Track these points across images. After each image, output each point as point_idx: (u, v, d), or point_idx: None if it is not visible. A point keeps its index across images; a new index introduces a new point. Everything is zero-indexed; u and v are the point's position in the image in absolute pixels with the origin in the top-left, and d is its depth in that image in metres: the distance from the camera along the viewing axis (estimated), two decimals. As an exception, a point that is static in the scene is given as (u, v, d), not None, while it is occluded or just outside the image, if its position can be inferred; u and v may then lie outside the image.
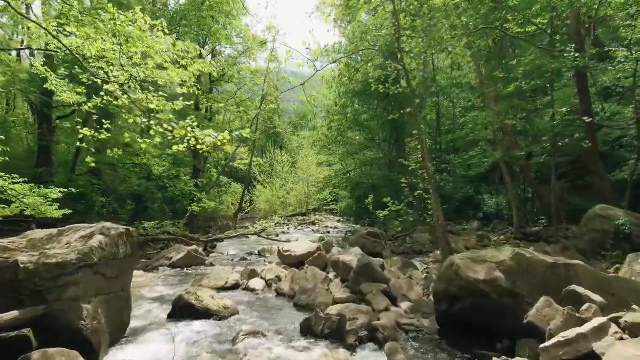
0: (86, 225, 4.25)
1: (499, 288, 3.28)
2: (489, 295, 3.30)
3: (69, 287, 3.44)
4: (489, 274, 3.32)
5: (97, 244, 3.76)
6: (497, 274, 3.30)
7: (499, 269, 3.33)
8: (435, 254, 8.07)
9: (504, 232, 9.85)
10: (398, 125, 15.46)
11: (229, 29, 17.41)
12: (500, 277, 3.28)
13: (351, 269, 5.83)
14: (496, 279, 3.29)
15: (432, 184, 5.35)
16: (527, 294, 3.23)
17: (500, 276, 3.29)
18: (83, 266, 3.57)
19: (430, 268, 6.66)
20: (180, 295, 4.77)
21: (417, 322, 3.79)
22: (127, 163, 13.55)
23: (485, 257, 3.48)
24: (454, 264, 3.56)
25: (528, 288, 3.25)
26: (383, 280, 5.50)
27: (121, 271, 4.13)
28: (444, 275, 3.67)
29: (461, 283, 3.45)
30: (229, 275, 6.40)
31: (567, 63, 6.05)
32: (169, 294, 5.77)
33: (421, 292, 5.19)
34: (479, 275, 3.35)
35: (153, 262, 8.20)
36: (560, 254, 6.26)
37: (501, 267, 3.33)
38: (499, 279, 3.28)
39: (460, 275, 3.46)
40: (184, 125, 3.71)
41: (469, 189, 13.43)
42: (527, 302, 3.22)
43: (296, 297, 5.34)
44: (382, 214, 7.35)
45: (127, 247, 4.20)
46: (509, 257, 3.37)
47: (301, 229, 17.64)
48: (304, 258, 7.31)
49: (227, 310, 4.82)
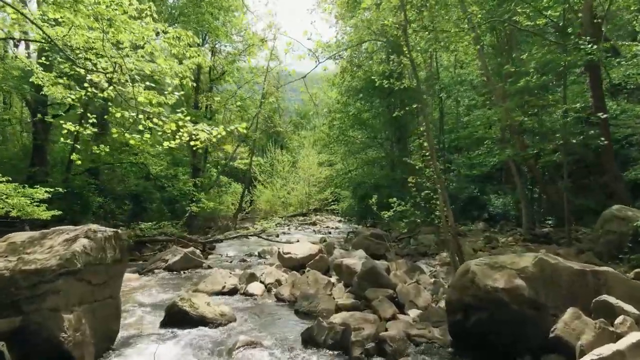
0: (71, 228, 3.97)
1: (520, 297, 2.98)
2: (508, 306, 3.00)
3: (49, 296, 3.15)
4: (508, 281, 3.02)
5: (81, 249, 3.46)
6: (518, 282, 3.00)
7: (520, 277, 3.03)
8: (441, 256, 7.77)
9: (512, 234, 9.53)
10: (400, 123, 15.14)
11: (228, 27, 17.12)
12: (521, 286, 2.98)
13: (355, 273, 5.54)
14: (517, 288, 2.99)
15: (441, 183, 5.05)
16: (552, 304, 2.93)
17: (521, 284, 2.99)
18: (64, 273, 3.28)
19: (438, 271, 6.36)
20: (174, 302, 4.48)
21: (428, 333, 3.49)
22: (125, 162, 13.26)
23: (504, 263, 3.18)
24: (470, 270, 3.25)
25: (553, 298, 2.95)
26: (389, 285, 5.21)
27: (109, 277, 3.84)
28: (458, 283, 3.37)
29: (477, 292, 3.15)
30: (227, 279, 6.11)
31: (581, 56, 5.74)
32: (164, 299, 5.49)
33: (429, 298, 4.89)
34: (497, 284, 3.05)
35: (149, 265, 7.91)
36: (575, 258, 5.95)
37: (522, 275, 3.03)
38: (520, 287, 2.98)
39: (477, 284, 3.16)
40: (175, 119, 3.41)
41: (474, 188, 13.11)
42: (552, 314, 2.92)
43: (297, 303, 5.05)
44: (386, 215, 7.04)
45: (115, 251, 3.91)
46: (531, 263, 3.07)
47: (302, 229, 17.34)
48: (305, 261, 7.02)
49: (223, 318, 4.53)
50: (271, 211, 23.44)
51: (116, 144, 12.90)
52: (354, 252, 7.27)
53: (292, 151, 27.49)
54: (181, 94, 4.64)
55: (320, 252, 7.27)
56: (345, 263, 5.78)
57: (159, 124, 3.49)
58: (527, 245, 7.94)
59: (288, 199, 24.18)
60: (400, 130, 15.29)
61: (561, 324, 2.72)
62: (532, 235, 8.58)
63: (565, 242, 7.20)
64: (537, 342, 2.89)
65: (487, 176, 14.17)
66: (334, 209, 23.58)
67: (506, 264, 3.15)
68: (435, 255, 8.08)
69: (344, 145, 16.65)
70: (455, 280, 3.48)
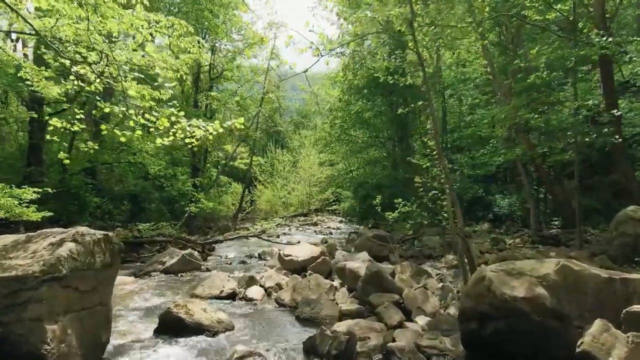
0: (59, 231, 3.72)
1: (541, 307, 2.74)
2: (528, 316, 2.76)
3: (30, 305, 2.91)
4: (529, 290, 2.77)
5: (67, 253, 3.23)
6: (539, 291, 2.76)
7: (541, 285, 2.79)
8: (447, 259, 7.53)
9: (520, 235, 9.28)
10: (403, 122, 14.91)
11: (228, 25, 16.90)
12: (543, 295, 2.74)
13: (359, 277, 5.30)
14: (538, 297, 2.75)
15: (449, 183, 4.81)
16: (577, 315, 2.69)
17: (543, 293, 2.75)
18: (48, 279, 3.04)
19: (445, 275, 6.12)
20: (168, 309, 4.24)
21: (439, 344, 3.25)
22: (123, 162, 13.03)
23: (523, 269, 2.94)
24: (485, 277, 3.01)
25: (577, 308, 2.71)
26: (394, 290, 4.97)
27: (98, 283, 3.61)
28: (472, 291, 3.13)
29: (494, 301, 2.91)
30: (225, 282, 5.87)
31: (595, 50, 5.50)
32: (159, 304, 5.26)
33: (438, 304, 4.65)
34: (516, 292, 2.81)
35: (145, 267, 7.68)
36: (588, 261, 5.70)
37: (544, 282, 2.79)
38: (542, 296, 2.74)
39: (493, 292, 2.91)
40: (167, 114, 3.18)
41: (478, 189, 12.86)
42: (577, 326, 2.68)
43: (298, 309, 4.81)
44: (391, 216, 6.80)
45: (105, 255, 3.67)
46: (553, 270, 2.83)
47: (303, 229, 17.12)
48: (306, 263, 6.78)
49: (220, 325, 4.29)
50: (272, 211, 23.23)
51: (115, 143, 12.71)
52: (357, 254, 7.03)
53: (293, 151, 27.25)
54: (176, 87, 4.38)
55: (322, 255, 7.03)
56: (348, 266, 5.54)
57: (151, 120, 3.26)
58: (535, 247, 7.70)
59: (289, 199, 23.97)
60: (402, 129, 15.05)
61: (588, 338, 2.48)
62: (540, 236, 8.32)
63: (575, 244, 6.95)
64: (561, 356, 2.65)
65: (491, 176, 13.92)
66: (335, 209, 23.35)
67: (525, 271, 2.91)
68: (441, 258, 7.84)
69: (346, 144, 16.41)
70: (469, 288, 3.24)
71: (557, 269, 2.84)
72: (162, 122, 3.21)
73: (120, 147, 13.56)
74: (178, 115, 3.25)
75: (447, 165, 5.02)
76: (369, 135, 15.83)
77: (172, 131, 3.39)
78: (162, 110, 3.23)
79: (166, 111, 3.21)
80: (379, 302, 4.70)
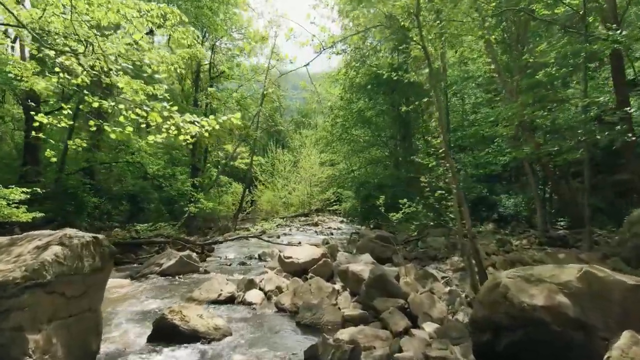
0: (46, 233, 3.52)
1: (562, 317, 2.52)
2: (549, 326, 2.54)
3: (12, 314, 2.71)
4: (549, 298, 2.56)
5: (52, 257, 3.03)
6: (561, 299, 2.54)
7: (562, 292, 2.57)
8: (452, 261, 7.31)
9: (526, 236, 9.05)
10: (405, 121, 14.69)
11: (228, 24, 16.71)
12: (564, 303, 2.53)
13: (362, 281, 5.09)
14: (559, 306, 2.53)
15: (456, 182, 4.59)
16: (602, 325, 2.48)
17: (564, 302, 2.53)
18: (31, 286, 2.84)
19: (451, 278, 5.90)
20: (163, 315, 4.04)
21: (450, 355, 3.03)
22: (121, 161, 12.84)
23: (542, 276, 2.72)
24: (501, 284, 2.80)
25: (602, 317, 2.50)
26: (399, 295, 4.76)
27: (87, 288, 3.40)
28: (486, 299, 2.92)
29: (511, 310, 2.69)
30: (223, 286, 5.66)
31: (608, 45, 5.28)
32: (154, 309, 5.06)
33: (445, 310, 4.43)
34: (535, 300, 2.60)
35: (142, 269, 7.48)
36: (600, 264, 5.48)
37: (565, 290, 2.58)
38: (563, 305, 2.52)
39: (510, 300, 2.70)
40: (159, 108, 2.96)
41: (482, 188, 12.62)
42: (602, 337, 2.46)
43: (299, 314, 4.61)
44: (395, 217, 6.59)
45: (94, 258, 3.47)
46: (575, 276, 2.61)
47: (303, 230, 16.91)
48: (307, 266, 6.57)
49: (217, 332, 4.08)
50: (272, 211, 23.04)
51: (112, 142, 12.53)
52: (360, 256, 6.82)
53: (294, 150, 27.05)
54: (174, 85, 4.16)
55: (323, 256, 6.82)
56: (351, 269, 5.33)
57: (142, 115, 3.06)
58: (543, 249, 7.47)
59: (289, 199, 23.77)
60: (405, 128, 14.84)
61: (617, 352, 2.26)
62: (547, 237, 8.09)
63: (585, 245, 6.72)
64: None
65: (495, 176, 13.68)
66: (336, 210, 23.15)
67: (545, 277, 2.70)
68: (446, 259, 7.62)
69: (347, 143, 16.20)
70: (482, 295, 3.02)
71: (579, 275, 2.62)
72: (153, 116, 3.00)
73: (118, 146, 13.40)
74: (171, 110, 3.04)
75: (454, 164, 4.80)
76: (370, 134, 15.61)
77: (165, 127, 3.18)
78: (153, 104, 3.02)
79: (157, 105, 3.00)
80: (384, 307, 4.50)
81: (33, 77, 4.05)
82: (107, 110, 3.28)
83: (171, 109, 3.03)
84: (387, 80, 13.09)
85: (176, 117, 3.04)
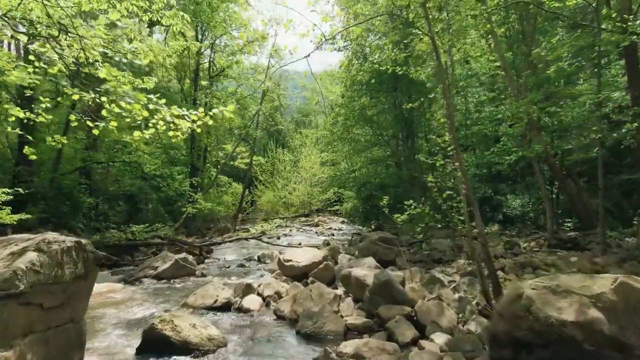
0: (24, 237, 3.24)
1: (596, 334, 2.24)
2: (580, 345, 2.26)
3: (-21, 329, 2.45)
4: (580, 312, 2.28)
5: (27, 265, 2.75)
6: (594, 314, 2.26)
7: (595, 306, 2.29)
8: (458, 264, 7.01)
9: (534, 238, 8.75)
10: (408, 120, 14.38)
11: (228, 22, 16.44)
12: (598, 319, 2.24)
13: (366, 286, 4.81)
14: (592, 322, 2.25)
15: (466, 182, 4.30)
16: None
17: (598, 317, 2.25)
18: (3, 297, 2.57)
19: (459, 283, 5.60)
20: (153, 325, 3.76)
21: (465, 372, 2.75)
22: (117, 161, 12.57)
23: (571, 286, 2.44)
24: (524, 295, 2.51)
25: (641, 335, 2.21)
26: (406, 302, 4.48)
27: (68, 297, 3.13)
28: (507, 311, 2.63)
29: (536, 325, 2.41)
30: (219, 291, 5.39)
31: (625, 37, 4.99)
32: (146, 316, 4.79)
33: (455, 318, 4.14)
34: (564, 315, 2.31)
35: (137, 272, 7.21)
36: (618, 268, 5.19)
37: (599, 304, 2.29)
38: (597, 321, 2.24)
39: (535, 314, 2.41)
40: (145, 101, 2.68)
41: (487, 189, 12.32)
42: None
43: (299, 323, 4.32)
44: (400, 219, 6.31)
45: (77, 265, 3.19)
46: (609, 287, 2.34)
47: (304, 230, 16.66)
48: (307, 269, 6.30)
49: (211, 343, 3.81)
50: (272, 212, 22.77)
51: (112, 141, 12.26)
52: (363, 259, 6.54)
53: (294, 150, 26.77)
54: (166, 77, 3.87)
55: (324, 260, 6.54)
56: (354, 274, 5.05)
57: (127, 109, 2.78)
58: (553, 252, 7.18)
59: (290, 200, 23.50)
60: (408, 127, 14.52)
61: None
62: (557, 239, 7.79)
63: (599, 248, 6.42)
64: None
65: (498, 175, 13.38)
66: (337, 210, 22.86)
67: (574, 288, 2.42)
68: (452, 262, 7.32)
69: (348, 143, 15.89)
70: (503, 307, 2.74)
71: (614, 286, 2.34)
72: (135, 108, 2.71)
73: (115, 145, 13.13)
74: (157, 102, 2.76)
75: (464, 162, 4.51)
76: (372, 133, 15.30)
77: (152, 122, 2.90)
78: (135, 94, 2.73)
79: (140, 95, 2.71)
80: (389, 315, 4.22)
81: (15, 73, 3.77)
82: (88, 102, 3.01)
83: (158, 101, 2.75)
84: (389, 78, 12.81)
85: (163, 110, 2.76)
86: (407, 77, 8.60)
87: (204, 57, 17.23)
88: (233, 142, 21.59)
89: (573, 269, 5.52)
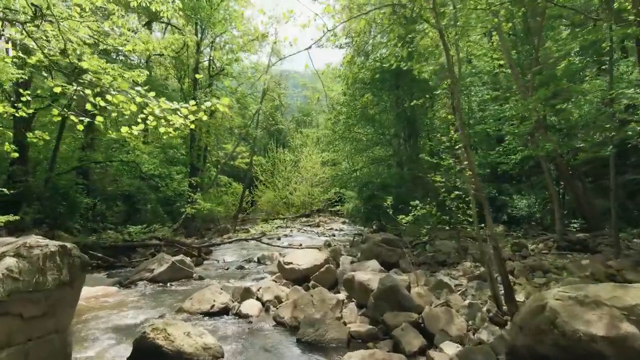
0: (4, 241, 3.04)
1: (629, 351, 2.02)
2: (612, 362, 2.03)
3: (-52, 343, 2.24)
4: (611, 326, 2.05)
5: (4, 272, 2.53)
6: (628, 328, 2.03)
7: (628, 319, 2.06)
8: (464, 266, 6.78)
9: (542, 239, 8.51)
10: (411, 119, 14.15)
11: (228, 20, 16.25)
12: (633, 334, 2.02)
13: (370, 291, 4.59)
14: (625, 337, 2.02)
15: (476, 183, 4.08)
16: (681, 362, 1.96)
17: (632, 331, 2.03)
18: (-24, 307, 2.36)
19: (466, 287, 5.37)
20: (144, 333, 3.54)
21: (480, 389, 2.52)
22: (115, 160, 12.37)
23: (600, 297, 2.22)
24: (547, 307, 2.29)
25: (681, 353, 1.99)
26: (412, 308, 4.25)
27: (51, 306, 2.91)
28: (528, 324, 2.41)
29: (561, 340, 2.18)
30: (217, 295, 5.16)
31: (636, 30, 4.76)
32: (139, 322, 4.57)
33: (465, 326, 3.91)
34: (593, 329, 2.09)
35: (133, 275, 7.00)
36: (634, 272, 4.96)
37: (632, 317, 2.07)
38: (632, 336, 2.02)
39: (560, 327, 2.19)
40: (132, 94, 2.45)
41: (491, 188, 12.07)
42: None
43: (300, 330, 4.10)
44: (405, 220, 6.09)
45: (61, 271, 2.98)
46: (644, 299, 2.11)
47: (305, 231, 16.43)
48: (308, 272, 6.07)
49: (207, 352, 3.58)
50: (273, 212, 22.56)
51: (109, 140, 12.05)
52: (366, 262, 6.32)
53: (295, 150, 26.55)
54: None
55: (326, 262, 6.32)
56: (358, 279, 4.83)
57: (113, 102, 2.56)
58: (563, 254, 6.94)
59: (290, 200, 23.28)
60: (410, 126, 14.29)
61: None
62: (567, 241, 7.55)
63: (613, 251, 6.17)
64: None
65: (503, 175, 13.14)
66: (338, 210, 22.64)
67: (603, 299, 2.19)
68: (457, 265, 7.09)
69: (349, 142, 15.67)
70: (523, 319, 2.51)
71: (650, 298, 2.12)
72: (118, 99, 2.49)
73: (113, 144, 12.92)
74: (145, 94, 2.53)
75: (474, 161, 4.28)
76: (374, 132, 15.07)
77: (142, 117, 2.68)
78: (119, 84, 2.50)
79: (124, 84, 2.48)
80: (395, 322, 3.99)
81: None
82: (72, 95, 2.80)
83: (146, 93, 2.52)
84: (391, 75, 12.58)
85: (152, 103, 2.53)
86: (410, 74, 8.37)
87: (204, 55, 17.02)
88: (233, 142, 21.38)
89: (586, 273, 5.29)
